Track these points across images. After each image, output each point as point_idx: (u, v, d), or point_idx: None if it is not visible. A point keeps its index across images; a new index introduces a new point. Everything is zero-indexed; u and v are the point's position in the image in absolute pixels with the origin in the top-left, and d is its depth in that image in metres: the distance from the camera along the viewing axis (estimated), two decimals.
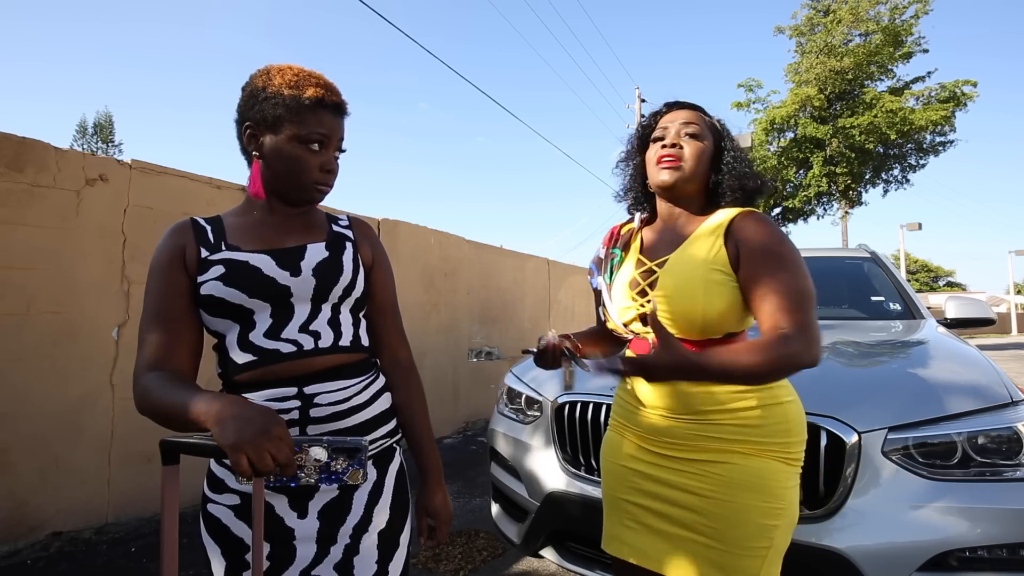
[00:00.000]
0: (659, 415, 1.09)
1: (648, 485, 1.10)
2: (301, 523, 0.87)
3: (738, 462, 1.02)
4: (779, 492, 1.01)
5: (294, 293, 0.89)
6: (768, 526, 1.00)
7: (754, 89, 18.20)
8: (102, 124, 31.29)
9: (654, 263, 1.14)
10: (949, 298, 2.75)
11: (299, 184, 0.92)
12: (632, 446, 1.14)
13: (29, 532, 2.52)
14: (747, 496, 1.00)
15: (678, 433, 1.06)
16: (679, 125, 1.14)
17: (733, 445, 1.03)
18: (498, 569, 2.45)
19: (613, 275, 1.20)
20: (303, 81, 0.90)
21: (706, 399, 1.04)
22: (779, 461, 1.03)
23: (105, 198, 2.83)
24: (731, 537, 1.00)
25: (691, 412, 1.06)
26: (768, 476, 1.01)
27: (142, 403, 0.82)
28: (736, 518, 1.00)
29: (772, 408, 1.04)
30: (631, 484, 1.13)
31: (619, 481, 1.16)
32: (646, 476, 1.10)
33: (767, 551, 1.00)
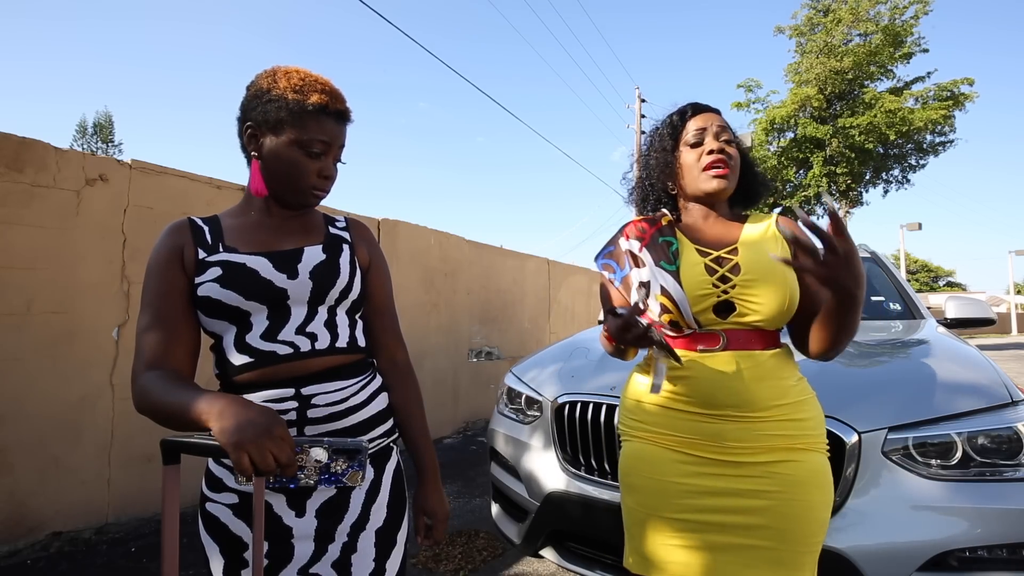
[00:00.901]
0: (720, 417, 1.02)
1: (698, 499, 1.03)
2: (299, 522, 0.87)
3: (801, 459, 1.01)
4: (830, 484, 1.04)
5: (291, 296, 0.89)
6: (825, 520, 1.02)
7: (754, 89, 18.20)
8: (102, 124, 31.29)
9: (721, 252, 1.09)
10: (949, 298, 2.75)
11: (295, 188, 0.92)
12: (677, 456, 1.06)
13: (29, 532, 2.52)
14: (813, 492, 1.00)
15: (741, 435, 1.01)
16: (716, 129, 1.14)
17: (794, 441, 1.01)
18: (498, 569, 2.45)
19: (677, 262, 1.09)
20: (308, 86, 0.90)
21: (775, 392, 1.02)
22: (823, 453, 1.04)
23: (105, 198, 2.83)
24: (796, 535, 0.99)
25: (759, 409, 1.01)
26: (823, 470, 1.03)
27: (141, 403, 0.82)
28: (805, 515, 0.99)
29: (811, 401, 1.06)
30: (681, 501, 1.04)
31: (662, 499, 1.06)
32: (701, 490, 1.03)
33: (819, 545, 1.01)
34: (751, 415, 1.01)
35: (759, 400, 1.01)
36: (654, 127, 1.26)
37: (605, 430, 1.73)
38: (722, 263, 1.08)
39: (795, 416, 1.02)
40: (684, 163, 1.15)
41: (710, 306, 1.05)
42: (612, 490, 1.68)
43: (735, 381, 1.02)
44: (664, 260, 1.10)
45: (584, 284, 8.59)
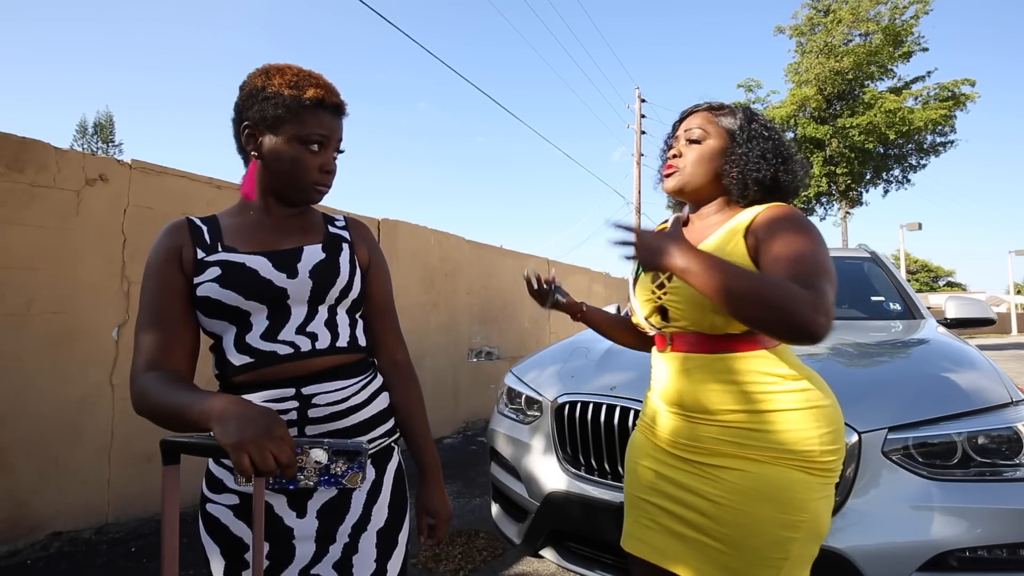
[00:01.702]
0: (675, 415, 1.09)
1: (665, 486, 1.10)
2: (300, 522, 0.87)
3: (753, 470, 0.98)
4: (799, 504, 0.96)
5: (291, 295, 0.89)
6: (785, 538, 0.95)
7: (753, 89, 18.20)
8: (102, 124, 31.31)
9: None
10: (949, 298, 2.75)
11: (298, 184, 0.92)
12: (652, 447, 1.15)
13: (29, 532, 2.52)
14: (762, 507, 0.97)
15: (692, 435, 1.05)
16: (683, 132, 1.17)
17: (748, 451, 0.99)
18: (498, 569, 2.45)
19: (639, 270, 1.22)
20: (303, 81, 0.90)
21: (720, 399, 1.02)
22: (800, 471, 0.97)
23: (105, 198, 2.83)
24: (744, 546, 0.98)
25: (704, 413, 1.04)
26: (786, 487, 0.96)
27: (140, 403, 0.82)
28: (750, 527, 0.97)
29: (796, 413, 0.99)
30: (650, 484, 1.13)
31: (638, 480, 1.16)
32: (664, 477, 1.10)
33: (783, 562, 0.96)
34: (698, 417, 1.05)
35: (705, 403, 1.04)
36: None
37: (605, 430, 1.73)
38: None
39: (751, 426, 0.99)
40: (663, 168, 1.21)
41: (651, 311, 1.13)
42: (612, 490, 1.68)
43: (679, 382, 1.08)
44: (635, 268, 1.23)
45: (584, 284, 8.59)
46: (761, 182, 1.10)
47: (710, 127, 1.15)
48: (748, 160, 1.10)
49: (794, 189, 1.13)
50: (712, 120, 1.16)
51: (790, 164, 1.12)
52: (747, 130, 1.13)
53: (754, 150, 1.10)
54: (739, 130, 1.13)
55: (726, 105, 1.19)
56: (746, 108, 1.18)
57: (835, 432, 1.01)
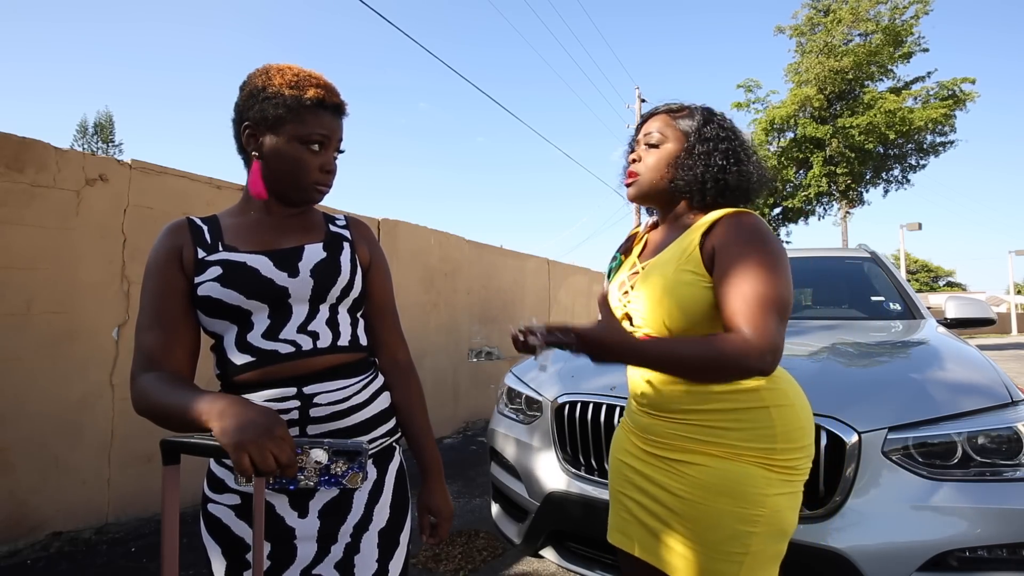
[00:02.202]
0: (645, 412, 1.12)
1: (639, 480, 1.13)
2: (302, 522, 0.87)
3: (712, 464, 1.01)
4: (757, 498, 0.97)
5: (292, 294, 0.89)
6: (743, 532, 0.97)
7: (753, 89, 18.19)
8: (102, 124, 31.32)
9: (644, 264, 1.15)
10: (949, 298, 2.75)
11: (299, 184, 0.92)
12: (627, 441, 1.19)
13: (29, 532, 2.52)
14: (720, 500, 0.99)
15: (660, 431, 1.09)
16: (642, 136, 1.17)
17: (708, 447, 1.01)
18: (498, 569, 2.45)
19: (611, 278, 1.24)
20: (303, 81, 0.90)
21: (683, 397, 1.04)
22: (759, 466, 0.99)
23: (105, 198, 2.83)
24: (704, 539, 1.00)
25: (669, 410, 1.07)
26: (744, 481, 0.98)
27: (140, 403, 0.82)
28: (708, 521, 1.00)
29: (757, 411, 1.00)
30: (626, 478, 1.16)
31: (618, 475, 1.20)
32: (637, 472, 1.13)
33: (744, 556, 0.97)
34: (663, 414, 1.08)
35: (665, 402, 1.07)
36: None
37: (605, 430, 1.73)
38: (634, 277, 1.14)
39: (713, 423, 1.01)
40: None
41: (622, 316, 1.13)
42: None
43: (645, 383, 1.11)
44: (608, 275, 1.26)
45: (584, 284, 8.59)
46: (716, 184, 1.08)
47: (668, 130, 1.14)
48: (703, 162, 1.08)
49: (749, 190, 1.11)
50: (670, 123, 1.14)
51: (744, 165, 1.10)
52: (702, 132, 1.11)
53: (709, 152, 1.09)
54: (694, 132, 1.12)
55: (685, 106, 1.16)
56: (705, 109, 1.16)
57: (798, 431, 1.02)
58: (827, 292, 3.25)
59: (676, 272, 1.03)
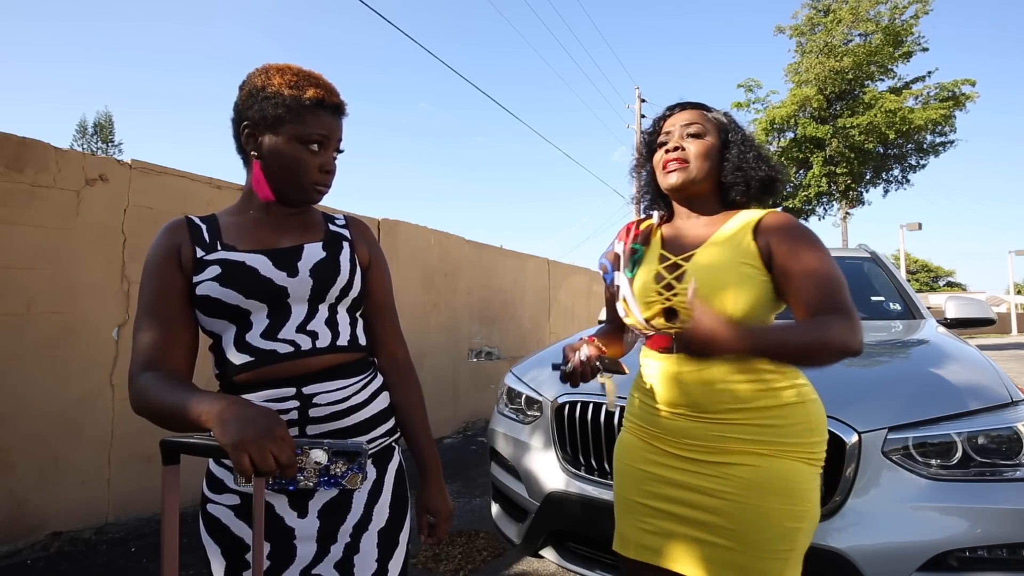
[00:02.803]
0: (679, 415, 1.07)
1: (666, 489, 1.08)
2: (301, 522, 0.87)
3: (761, 464, 1.00)
4: (804, 494, 1.00)
5: (291, 294, 0.89)
6: (792, 529, 0.98)
7: (754, 89, 18.20)
8: (102, 124, 31.30)
9: (679, 258, 1.12)
10: (949, 298, 2.75)
11: (298, 184, 0.92)
12: (649, 448, 1.12)
13: (29, 532, 2.52)
14: (771, 499, 0.99)
15: (698, 434, 1.05)
16: (680, 127, 1.15)
17: (755, 446, 1.01)
18: (498, 569, 2.45)
19: (635, 270, 1.17)
20: (303, 81, 0.90)
21: (727, 397, 1.02)
22: (803, 462, 1.01)
23: (105, 198, 2.83)
24: (753, 540, 0.99)
25: (712, 411, 1.03)
26: (792, 478, 1.00)
27: (138, 403, 0.82)
28: (760, 521, 0.99)
29: (794, 407, 1.03)
30: (647, 488, 1.11)
31: (634, 483, 1.14)
32: (664, 480, 1.08)
33: (789, 553, 0.99)
34: (704, 416, 1.04)
35: (710, 402, 1.04)
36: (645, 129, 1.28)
37: (605, 430, 1.73)
38: (674, 270, 1.11)
39: (759, 421, 1.01)
40: (655, 164, 1.19)
41: (657, 312, 1.10)
42: (612, 490, 1.68)
43: (685, 382, 1.06)
44: (627, 267, 1.18)
45: (584, 284, 8.59)
46: (761, 180, 1.13)
47: (707, 124, 1.15)
48: (746, 159, 1.12)
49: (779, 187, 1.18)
50: (707, 117, 1.16)
51: (779, 166, 1.16)
52: (737, 131, 1.16)
53: (748, 151, 1.13)
54: (730, 131, 1.16)
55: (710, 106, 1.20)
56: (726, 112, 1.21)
57: (824, 423, 1.08)
58: None
59: (738, 266, 1.04)
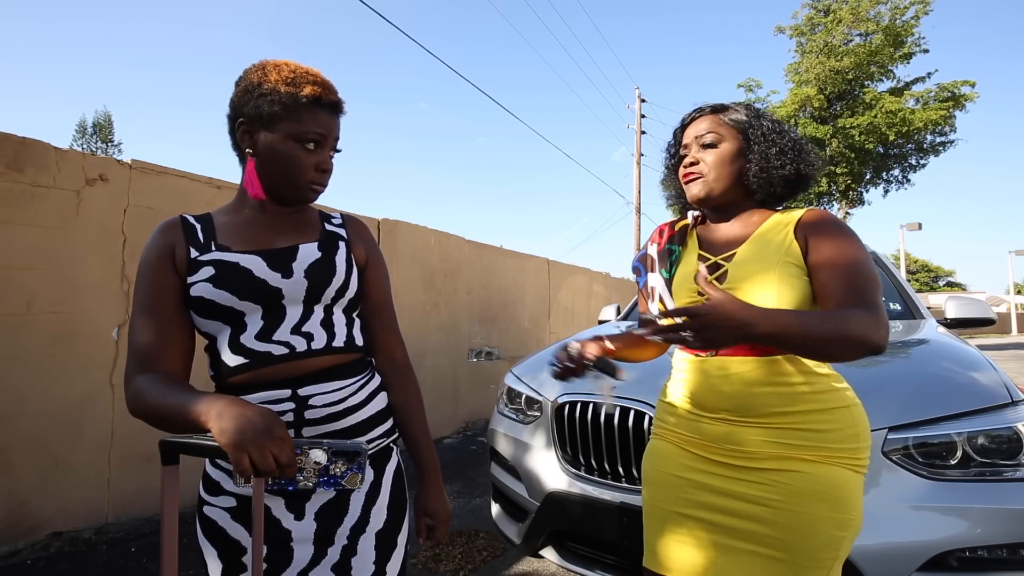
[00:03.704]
0: (720, 420, 1.03)
1: (704, 496, 1.04)
2: (298, 525, 0.86)
3: (807, 470, 0.97)
4: (851, 501, 0.97)
5: (286, 295, 0.88)
6: (837, 537, 0.96)
7: (754, 89, 18.19)
8: (102, 124, 31.31)
9: (719, 258, 1.10)
10: (949, 298, 2.75)
11: (294, 183, 0.91)
12: (685, 455, 1.08)
13: (29, 532, 2.52)
14: (817, 506, 0.96)
15: (743, 439, 1.01)
16: (694, 139, 1.14)
17: (801, 452, 0.98)
18: (498, 569, 2.44)
19: (673, 270, 1.15)
20: (300, 78, 0.89)
21: (772, 400, 0.99)
22: (850, 469, 0.98)
23: (105, 198, 2.83)
24: (798, 548, 0.96)
25: (755, 416, 1.00)
26: (840, 485, 0.97)
27: (135, 405, 0.81)
28: (806, 529, 0.96)
29: (840, 412, 1.00)
30: (684, 495, 1.06)
31: (669, 492, 1.08)
32: (702, 487, 1.04)
33: (833, 562, 0.96)
34: (749, 420, 1.01)
35: (754, 407, 1.00)
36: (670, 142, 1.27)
37: (605, 430, 1.73)
38: (715, 270, 1.08)
39: (804, 426, 0.98)
40: (679, 175, 1.18)
41: None
42: (612, 490, 1.68)
43: (726, 386, 1.02)
44: (664, 268, 1.16)
45: (584, 284, 8.59)
46: (786, 178, 1.10)
47: (721, 129, 1.13)
48: (768, 157, 1.09)
49: (810, 178, 1.14)
50: (721, 122, 1.14)
51: (807, 155, 1.12)
52: (759, 127, 1.12)
53: (771, 147, 1.10)
54: (751, 128, 1.12)
55: (728, 105, 1.16)
56: (749, 105, 1.16)
57: (868, 429, 1.04)
58: None
59: (783, 266, 1.02)
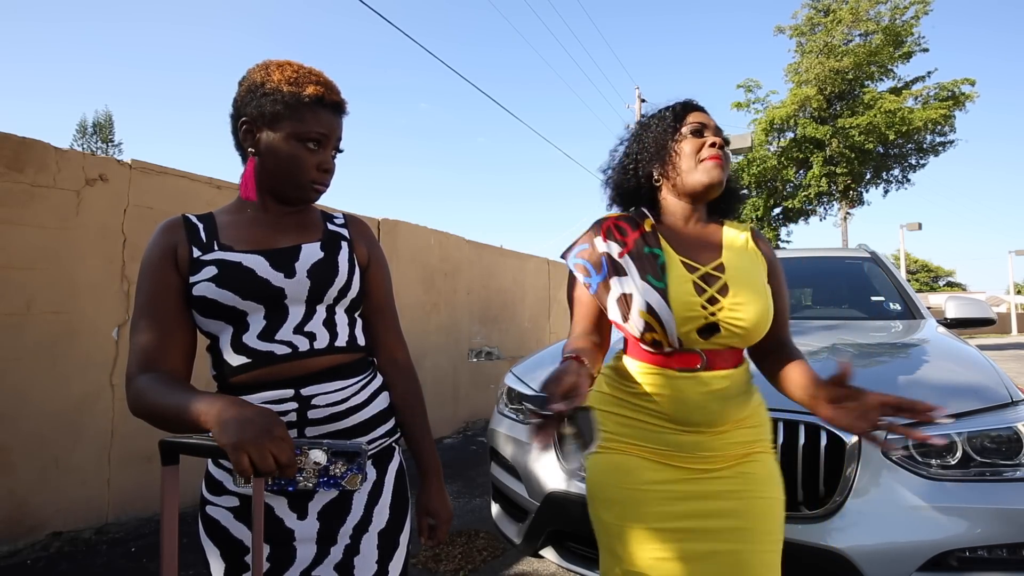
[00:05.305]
0: (692, 432, 1.02)
1: (680, 505, 1.01)
2: (301, 524, 0.86)
3: (760, 459, 1.05)
4: (780, 484, 1.06)
5: (288, 295, 0.88)
6: (783, 518, 1.05)
7: (753, 89, 18.19)
8: (102, 124, 31.31)
9: (709, 267, 1.05)
10: (949, 298, 2.75)
11: (296, 183, 0.91)
12: (656, 466, 1.03)
13: (29, 532, 2.52)
14: (773, 490, 1.04)
15: (711, 446, 1.02)
16: (715, 128, 1.11)
17: (754, 445, 1.06)
18: (498, 569, 2.45)
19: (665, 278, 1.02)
20: (303, 78, 0.89)
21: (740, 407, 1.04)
22: (773, 454, 1.09)
23: (105, 198, 2.83)
24: (761, 532, 1.00)
25: (725, 423, 1.02)
26: (776, 470, 1.07)
27: (136, 405, 0.81)
28: (768, 512, 1.03)
29: (763, 407, 1.11)
30: (660, 509, 1.02)
31: (642, 508, 1.03)
32: (678, 495, 1.01)
33: (780, 544, 1.03)
34: (719, 429, 1.03)
35: (728, 417, 1.03)
36: (650, 112, 1.17)
37: None
38: (710, 281, 1.03)
39: (753, 424, 1.07)
40: (682, 151, 1.08)
41: (695, 327, 1.00)
42: None
43: (710, 402, 1.01)
44: (651, 275, 1.02)
45: None
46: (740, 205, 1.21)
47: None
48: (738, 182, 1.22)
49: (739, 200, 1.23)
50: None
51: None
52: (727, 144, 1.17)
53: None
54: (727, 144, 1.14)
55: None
56: None
57: None
58: (827, 292, 3.25)
59: (762, 276, 1.08)
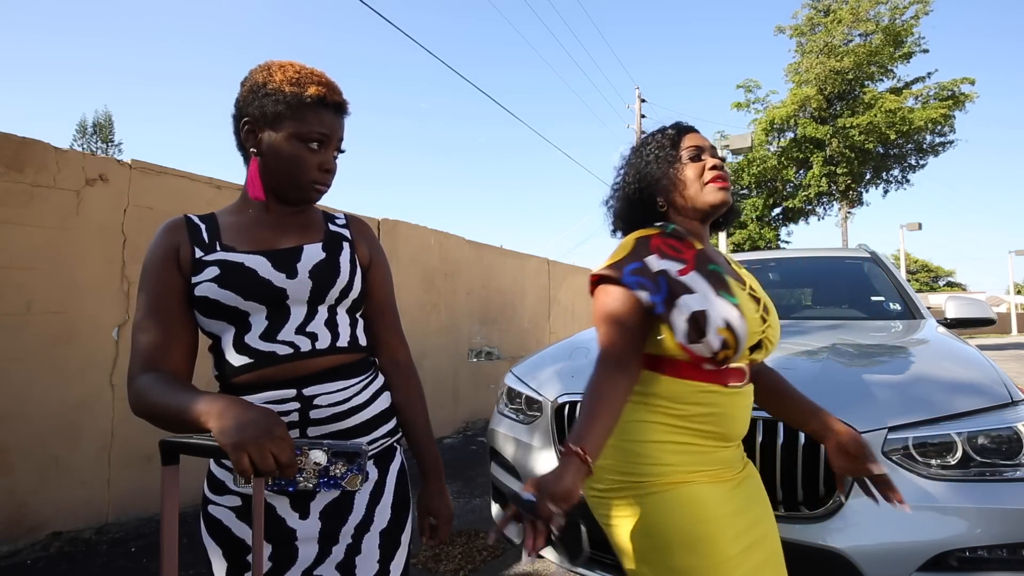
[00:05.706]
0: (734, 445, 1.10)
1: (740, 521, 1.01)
2: (303, 524, 0.87)
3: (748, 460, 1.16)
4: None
5: (290, 295, 0.88)
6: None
7: (753, 89, 18.20)
8: (102, 124, 31.30)
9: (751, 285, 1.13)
10: (949, 298, 2.75)
11: (297, 183, 0.91)
12: (717, 488, 1.02)
13: (29, 532, 2.52)
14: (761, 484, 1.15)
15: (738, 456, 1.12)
16: (711, 149, 1.12)
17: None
18: (498, 569, 2.45)
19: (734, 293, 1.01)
20: (305, 78, 0.89)
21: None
22: None
23: (105, 198, 2.83)
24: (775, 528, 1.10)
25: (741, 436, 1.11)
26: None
27: (137, 405, 0.81)
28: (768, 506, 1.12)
29: None
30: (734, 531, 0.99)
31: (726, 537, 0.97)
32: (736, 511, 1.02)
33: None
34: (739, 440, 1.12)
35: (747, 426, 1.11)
36: (644, 140, 1.18)
37: None
38: (756, 299, 1.09)
39: None
40: (684, 177, 1.09)
41: (752, 343, 1.01)
42: None
43: (748, 413, 1.09)
44: (725, 291, 0.99)
45: (584, 284, 8.56)
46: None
47: None
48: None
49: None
50: None
51: None
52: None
53: None
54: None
55: None
56: None
57: None
58: (827, 292, 3.25)
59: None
